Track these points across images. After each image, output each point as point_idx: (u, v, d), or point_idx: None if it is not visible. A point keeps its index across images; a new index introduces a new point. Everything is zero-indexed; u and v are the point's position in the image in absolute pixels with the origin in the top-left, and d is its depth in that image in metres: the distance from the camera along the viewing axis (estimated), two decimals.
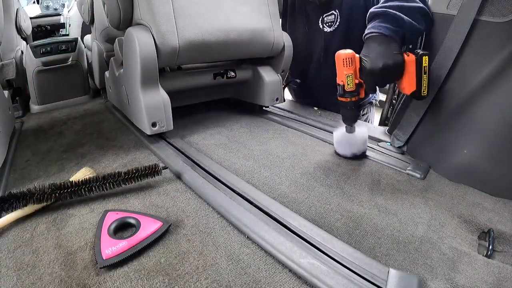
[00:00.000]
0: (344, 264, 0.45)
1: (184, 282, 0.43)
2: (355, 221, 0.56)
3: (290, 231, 0.52)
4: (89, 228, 0.54)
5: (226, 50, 0.93)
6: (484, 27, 0.61)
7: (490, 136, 0.64)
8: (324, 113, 1.17)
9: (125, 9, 0.82)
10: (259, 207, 0.58)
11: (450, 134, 0.71)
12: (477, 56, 0.64)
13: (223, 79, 1.07)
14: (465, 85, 0.66)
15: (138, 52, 0.77)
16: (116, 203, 0.62)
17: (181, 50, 0.82)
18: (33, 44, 1.30)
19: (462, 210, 0.60)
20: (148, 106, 0.83)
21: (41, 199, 0.57)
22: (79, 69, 1.44)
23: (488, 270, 0.45)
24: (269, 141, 0.91)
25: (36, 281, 0.44)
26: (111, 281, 0.43)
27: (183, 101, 1.14)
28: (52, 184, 0.59)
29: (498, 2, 0.59)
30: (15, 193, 0.56)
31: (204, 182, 0.66)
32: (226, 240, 0.51)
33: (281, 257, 0.46)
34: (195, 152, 0.81)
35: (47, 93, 1.37)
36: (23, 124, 1.18)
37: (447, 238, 0.52)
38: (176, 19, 0.80)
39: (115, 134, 0.99)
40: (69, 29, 1.83)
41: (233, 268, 0.45)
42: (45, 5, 1.80)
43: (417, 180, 0.70)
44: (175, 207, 0.60)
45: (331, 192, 0.65)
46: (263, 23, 0.97)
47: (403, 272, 0.43)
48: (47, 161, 0.82)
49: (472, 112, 0.66)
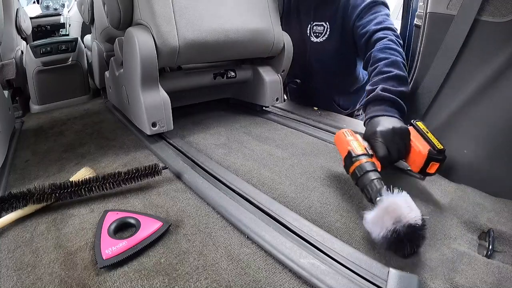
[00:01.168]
0: (344, 264, 0.45)
1: (184, 282, 0.43)
2: (355, 221, 0.56)
3: (290, 231, 0.52)
4: (89, 228, 0.54)
5: (226, 50, 0.93)
6: (484, 27, 0.61)
7: (490, 136, 0.64)
8: (324, 113, 1.17)
9: (125, 9, 0.82)
10: (259, 207, 0.58)
11: (450, 134, 0.71)
12: (477, 56, 0.64)
13: (223, 79, 1.07)
14: (465, 85, 0.66)
15: (138, 52, 0.77)
16: (116, 203, 0.62)
17: (181, 50, 0.82)
18: (33, 44, 1.31)
19: (462, 210, 0.60)
20: (148, 106, 0.83)
21: (41, 199, 0.57)
22: (79, 69, 1.44)
23: (488, 270, 0.45)
24: (269, 141, 0.91)
25: (36, 281, 0.43)
26: (111, 281, 0.43)
27: (183, 101, 1.14)
28: (52, 184, 0.59)
29: (498, 2, 0.59)
30: (15, 193, 0.56)
31: (204, 182, 0.66)
32: (226, 240, 0.51)
33: (281, 257, 0.46)
34: (195, 152, 0.81)
35: (47, 93, 1.37)
36: (23, 124, 1.18)
37: (447, 238, 0.52)
38: (176, 19, 0.80)
39: (115, 134, 0.99)
40: (69, 29, 1.83)
41: (233, 268, 0.45)
42: (45, 5, 1.81)
43: (417, 180, 0.70)
44: (175, 207, 0.60)
45: (331, 192, 0.65)
46: (263, 23, 0.97)
47: (403, 272, 0.43)
48: (47, 161, 0.82)
49: (472, 112, 0.66)
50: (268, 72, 1.09)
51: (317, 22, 1.07)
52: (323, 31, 1.06)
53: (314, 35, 1.09)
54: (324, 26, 1.06)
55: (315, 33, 1.09)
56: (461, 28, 0.64)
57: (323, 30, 1.06)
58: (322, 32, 1.07)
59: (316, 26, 1.08)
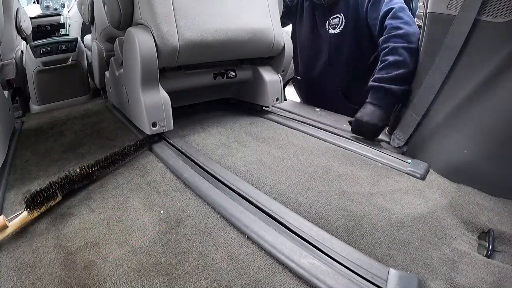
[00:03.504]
0: (344, 264, 0.45)
1: (184, 282, 0.43)
2: (355, 221, 0.56)
3: (290, 231, 0.52)
4: (89, 228, 0.54)
5: (226, 50, 0.93)
6: (484, 27, 0.61)
7: (490, 136, 0.64)
8: (324, 113, 1.17)
9: (126, 9, 0.82)
10: (259, 207, 0.58)
11: (450, 134, 0.71)
12: (477, 55, 0.64)
13: (223, 79, 1.07)
14: (465, 85, 0.66)
15: (138, 52, 0.77)
16: (116, 203, 0.62)
17: (181, 50, 0.82)
18: (33, 44, 1.30)
19: (462, 210, 0.60)
20: (148, 106, 0.83)
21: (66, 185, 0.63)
22: (79, 69, 1.44)
23: (488, 270, 0.45)
24: (269, 141, 0.91)
25: (36, 281, 0.43)
26: (111, 281, 0.43)
27: (183, 101, 1.14)
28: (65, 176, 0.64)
29: (498, 2, 0.59)
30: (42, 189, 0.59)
31: (204, 182, 0.66)
32: (226, 240, 0.51)
33: (281, 257, 0.46)
34: (195, 152, 0.81)
35: (47, 93, 1.37)
36: (23, 124, 1.18)
37: (447, 238, 0.52)
38: (176, 19, 0.80)
39: (115, 134, 0.99)
40: (69, 29, 1.83)
41: (233, 268, 0.45)
42: (45, 5, 1.80)
43: (417, 180, 0.70)
44: (175, 207, 0.60)
45: (331, 192, 0.65)
46: (263, 23, 0.97)
47: (403, 272, 0.43)
48: (47, 161, 0.82)
49: (472, 112, 0.66)
50: (268, 72, 1.09)
51: (333, 16, 1.15)
52: (339, 22, 1.14)
53: (331, 27, 1.17)
54: (339, 17, 1.14)
55: (332, 25, 1.17)
56: (461, 28, 0.64)
57: (339, 21, 1.14)
58: (339, 23, 1.14)
59: (333, 19, 1.16)
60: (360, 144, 0.87)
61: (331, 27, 1.16)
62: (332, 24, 1.16)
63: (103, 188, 0.67)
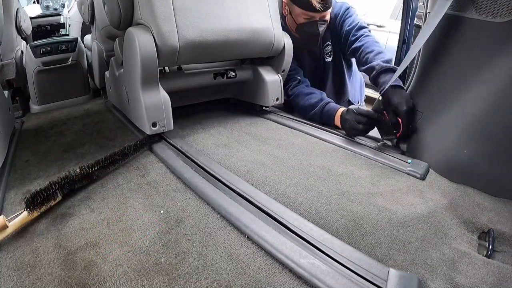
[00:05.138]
0: (344, 264, 0.45)
1: (184, 282, 0.43)
2: (355, 221, 0.56)
3: (290, 231, 0.52)
4: (89, 228, 0.54)
5: (226, 50, 0.93)
6: (484, 27, 0.61)
7: (490, 136, 0.64)
8: None
9: (126, 9, 0.82)
10: (259, 207, 0.58)
11: (450, 134, 0.71)
12: (477, 55, 0.64)
13: (223, 79, 1.07)
14: (465, 85, 0.66)
15: (138, 52, 0.77)
16: (116, 203, 0.62)
17: (181, 50, 0.82)
18: (33, 44, 1.30)
19: (462, 210, 0.60)
20: (148, 106, 0.83)
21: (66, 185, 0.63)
22: (79, 69, 1.44)
23: (488, 270, 0.45)
24: (269, 141, 0.91)
25: (36, 281, 0.44)
26: (111, 281, 0.43)
27: (183, 101, 1.14)
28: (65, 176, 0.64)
29: (498, 3, 0.59)
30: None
31: (204, 182, 0.66)
32: (226, 240, 0.51)
33: (281, 257, 0.46)
34: (195, 152, 0.81)
35: (47, 93, 1.37)
36: (23, 124, 1.18)
37: (447, 238, 0.52)
38: (176, 19, 0.80)
39: (115, 134, 0.99)
40: (69, 29, 1.83)
41: (233, 268, 0.45)
42: (45, 5, 1.80)
43: (417, 180, 0.70)
44: (175, 207, 0.60)
45: (331, 192, 0.65)
46: (263, 23, 0.97)
47: (403, 272, 0.43)
48: (47, 161, 0.82)
49: (472, 112, 0.66)
50: (268, 72, 1.09)
51: (325, 44, 1.21)
52: (330, 49, 1.22)
53: (327, 55, 1.24)
54: (330, 44, 1.21)
55: (327, 53, 1.23)
56: (461, 27, 0.64)
57: (330, 49, 1.22)
58: (331, 50, 1.22)
59: (326, 47, 1.22)
60: (360, 144, 0.87)
61: (327, 55, 1.23)
62: (327, 52, 1.22)
63: (103, 188, 0.67)
